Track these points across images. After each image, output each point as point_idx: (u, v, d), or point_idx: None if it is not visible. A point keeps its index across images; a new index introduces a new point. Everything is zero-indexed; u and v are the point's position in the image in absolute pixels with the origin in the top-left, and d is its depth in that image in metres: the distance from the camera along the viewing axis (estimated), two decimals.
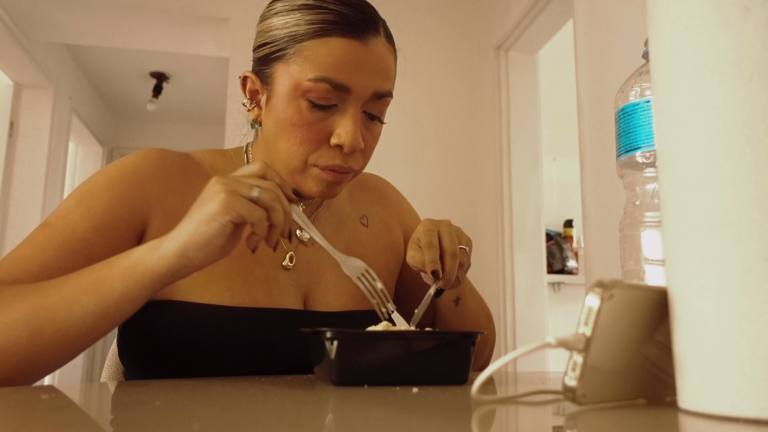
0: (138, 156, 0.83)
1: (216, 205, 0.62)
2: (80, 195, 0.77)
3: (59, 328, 0.62)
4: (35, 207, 3.30)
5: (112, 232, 0.75)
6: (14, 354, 0.61)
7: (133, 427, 0.39)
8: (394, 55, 0.83)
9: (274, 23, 0.81)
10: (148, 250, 0.65)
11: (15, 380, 0.62)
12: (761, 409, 0.37)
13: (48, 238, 0.72)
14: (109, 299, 0.63)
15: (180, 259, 0.63)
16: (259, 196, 0.64)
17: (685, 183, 0.41)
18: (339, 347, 0.60)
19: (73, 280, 0.65)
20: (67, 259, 0.71)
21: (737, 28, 0.39)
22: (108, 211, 0.75)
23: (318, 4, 0.78)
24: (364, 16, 0.78)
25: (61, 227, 0.73)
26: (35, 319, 0.62)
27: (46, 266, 0.70)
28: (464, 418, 0.44)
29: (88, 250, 0.73)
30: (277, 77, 0.79)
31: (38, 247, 0.71)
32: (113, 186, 0.77)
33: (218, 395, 0.53)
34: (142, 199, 0.79)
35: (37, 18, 2.99)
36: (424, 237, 0.76)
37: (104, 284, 0.63)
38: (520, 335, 2.52)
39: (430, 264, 0.74)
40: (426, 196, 2.64)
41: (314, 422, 0.42)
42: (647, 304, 0.44)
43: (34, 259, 0.70)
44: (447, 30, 2.90)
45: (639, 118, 0.63)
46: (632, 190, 0.65)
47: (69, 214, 0.74)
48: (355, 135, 0.77)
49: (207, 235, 0.62)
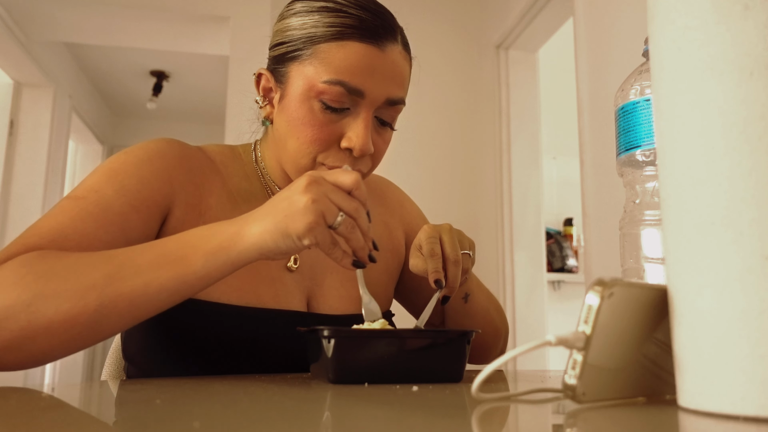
0: (161, 142, 0.82)
1: (302, 228, 0.62)
2: (110, 171, 0.75)
3: (132, 301, 0.62)
4: (35, 205, 3.30)
5: (145, 209, 0.75)
6: (81, 322, 0.60)
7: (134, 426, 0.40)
8: (409, 63, 0.84)
9: (292, 23, 0.81)
10: (230, 239, 0.64)
11: (77, 345, 0.62)
12: (761, 407, 0.37)
13: (85, 210, 0.70)
14: (188, 281, 0.63)
15: (258, 257, 0.64)
16: (339, 226, 0.64)
17: (685, 181, 0.41)
18: (336, 346, 0.60)
19: (149, 254, 0.64)
20: (106, 231, 0.70)
21: (737, 26, 0.39)
22: (140, 190, 0.75)
23: (338, 7, 0.78)
24: (383, 23, 0.79)
25: (96, 200, 0.72)
26: (109, 289, 0.61)
27: (87, 236, 0.69)
28: (464, 416, 0.44)
29: (125, 225, 0.72)
30: (291, 77, 0.80)
31: (77, 217, 0.69)
32: (142, 166, 0.77)
33: (218, 393, 0.53)
34: (169, 184, 0.78)
35: (37, 17, 2.99)
36: (426, 245, 0.76)
37: (185, 266, 0.63)
38: (520, 333, 2.53)
39: (433, 274, 0.74)
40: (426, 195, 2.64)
41: (314, 420, 0.42)
42: (647, 303, 0.44)
43: (74, 228, 0.69)
44: (447, 28, 2.90)
45: (639, 116, 0.63)
46: (632, 188, 0.65)
47: (102, 189, 0.73)
48: (365, 139, 0.77)
49: (286, 247, 0.63)
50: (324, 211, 0.62)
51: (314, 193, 0.62)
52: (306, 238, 0.62)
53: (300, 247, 0.63)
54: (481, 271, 2.68)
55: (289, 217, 0.62)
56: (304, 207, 0.62)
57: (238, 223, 0.65)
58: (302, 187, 0.63)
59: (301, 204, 0.62)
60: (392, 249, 0.98)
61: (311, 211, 0.62)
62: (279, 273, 0.84)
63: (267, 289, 0.81)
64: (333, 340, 0.60)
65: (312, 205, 0.62)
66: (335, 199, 0.64)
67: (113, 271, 0.62)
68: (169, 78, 4.32)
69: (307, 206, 0.62)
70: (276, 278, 0.83)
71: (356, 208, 0.65)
